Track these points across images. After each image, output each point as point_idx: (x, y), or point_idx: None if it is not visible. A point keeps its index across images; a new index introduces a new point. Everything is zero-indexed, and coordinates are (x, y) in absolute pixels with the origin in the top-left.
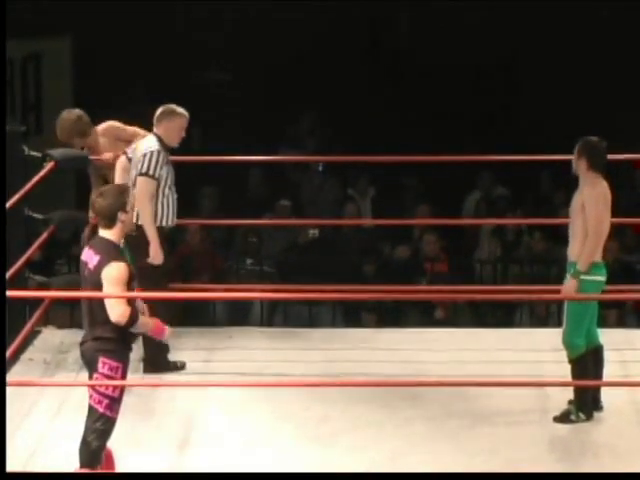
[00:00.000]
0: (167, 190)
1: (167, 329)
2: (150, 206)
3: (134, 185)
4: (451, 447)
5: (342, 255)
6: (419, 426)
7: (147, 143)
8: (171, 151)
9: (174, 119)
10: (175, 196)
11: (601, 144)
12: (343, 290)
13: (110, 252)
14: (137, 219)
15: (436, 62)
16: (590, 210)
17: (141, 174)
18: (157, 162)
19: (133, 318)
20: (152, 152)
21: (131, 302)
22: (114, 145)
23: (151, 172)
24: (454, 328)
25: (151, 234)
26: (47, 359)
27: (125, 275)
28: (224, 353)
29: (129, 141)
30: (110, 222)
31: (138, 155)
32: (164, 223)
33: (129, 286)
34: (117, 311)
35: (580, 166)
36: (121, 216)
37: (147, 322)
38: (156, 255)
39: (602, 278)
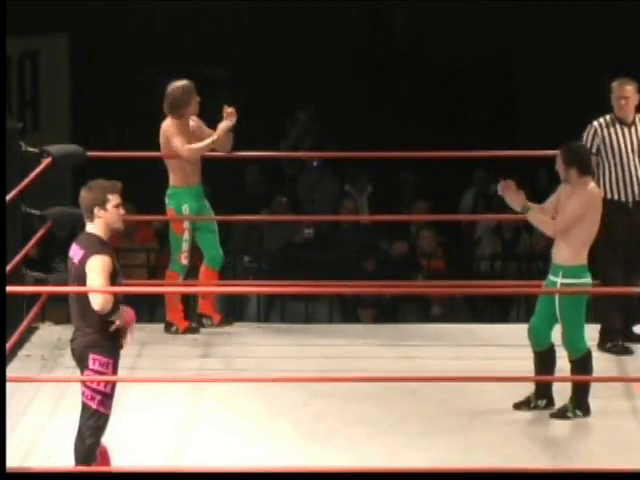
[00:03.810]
0: (610, 164)
1: (132, 318)
2: None
3: None
4: (448, 443)
5: (339, 251)
6: (416, 422)
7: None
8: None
9: (613, 91)
10: (629, 169)
11: (584, 147)
12: (339, 285)
13: (94, 246)
14: None
15: (436, 61)
16: (572, 210)
17: None
18: (588, 136)
19: (114, 309)
20: (590, 126)
21: (115, 295)
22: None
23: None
24: (451, 324)
25: None
26: (44, 355)
27: (108, 267)
28: (221, 348)
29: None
30: (90, 215)
31: None
32: (615, 197)
33: (114, 280)
34: (99, 299)
35: (571, 175)
36: (98, 212)
37: (123, 309)
38: None
39: (589, 280)
